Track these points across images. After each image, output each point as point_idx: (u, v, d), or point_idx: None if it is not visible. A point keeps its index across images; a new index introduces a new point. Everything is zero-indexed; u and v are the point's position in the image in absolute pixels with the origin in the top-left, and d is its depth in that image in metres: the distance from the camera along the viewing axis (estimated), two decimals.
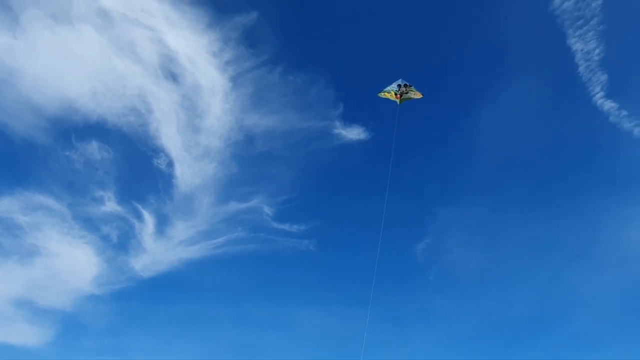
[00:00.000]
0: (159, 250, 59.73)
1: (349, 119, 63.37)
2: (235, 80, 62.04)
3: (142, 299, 59.04)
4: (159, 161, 60.76)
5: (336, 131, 63.25)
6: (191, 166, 61.67)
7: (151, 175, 61.57)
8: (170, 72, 60.94)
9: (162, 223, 60.38)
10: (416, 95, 36.14)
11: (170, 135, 61.00)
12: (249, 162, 63.23)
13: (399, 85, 35.94)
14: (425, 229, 62.94)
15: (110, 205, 59.25)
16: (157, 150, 60.79)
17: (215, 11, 60.99)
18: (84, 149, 59.42)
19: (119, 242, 59.36)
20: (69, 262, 58.09)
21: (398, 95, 35.99)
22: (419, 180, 65.01)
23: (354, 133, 63.21)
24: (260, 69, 62.34)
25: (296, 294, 61.40)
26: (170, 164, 60.91)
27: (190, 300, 59.95)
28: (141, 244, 59.42)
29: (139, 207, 60.11)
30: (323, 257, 62.82)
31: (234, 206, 61.69)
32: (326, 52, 65.43)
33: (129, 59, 60.04)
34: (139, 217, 59.88)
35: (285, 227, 61.74)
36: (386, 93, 36.13)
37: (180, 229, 60.51)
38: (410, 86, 35.98)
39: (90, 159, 59.56)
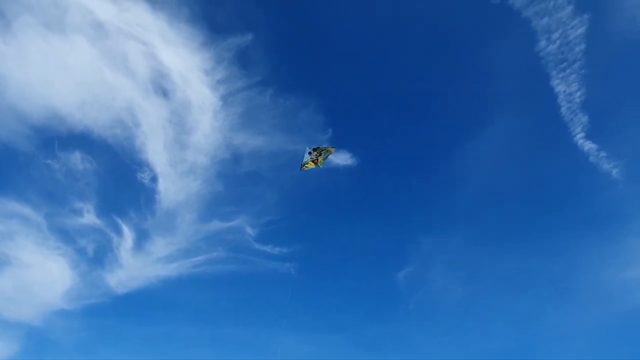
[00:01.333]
0: (136, 266, 58.35)
1: (337, 144, 62.98)
2: (225, 99, 62.30)
3: (115, 316, 57.26)
4: (142, 175, 60.03)
5: None
6: (175, 182, 61.04)
7: (134, 190, 60.73)
8: (161, 87, 60.96)
9: (142, 238, 59.24)
10: (329, 151, 38.00)
11: (156, 150, 60.52)
12: (235, 181, 62.92)
13: (310, 153, 38.10)
14: (408, 257, 63.10)
15: (89, 217, 57.97)
16: (142, 165, 60.13)
17: (210, 30, 61.63)
18: (66, 159, 58.42)
19: (95, 256, 57.87)
20: (41, 274, 56.21)
21: (316, 161, 38.14)
22: (403, 208, 65.47)
23: (342, 158, 63.39)
24: (252, 90, 62.84)
25: (274, 317, 60.33)
26: (154, 178, 60.20)
27: (165, 319, 58.36)
28: (118, 259, 58.02)
29: (119, 221, 58.96)
30: (303, 281, 62.17)
31: (216, 225, 60.99)
32: (318, 77, 66.48)
33: (120, 72, 59.92)
34: (118, 232, 58.64)
35: (267, 248, 61.14)
36: (306, 166, 38.31)
37: (160, 246, 59.39)
38: (319, 147, 37.88)
39: (72, 169, 58.52)
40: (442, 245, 63.79)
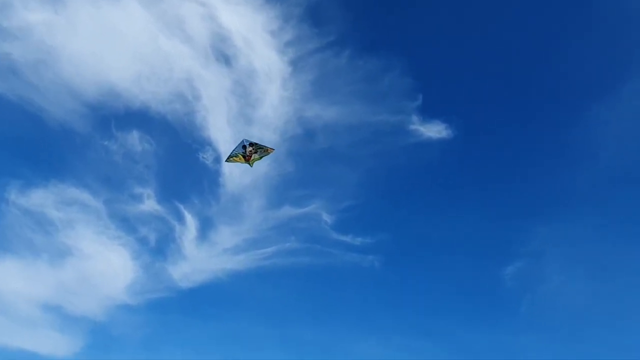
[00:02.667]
0: (200, 257, 52.16)
1: (428, 113, 53.06)
2: (295, 64, 53.20)
3: (179, 312, 51.71)
4: (205, 156, 53.12)
5: (413, 127, 53.08)
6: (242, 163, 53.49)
7: (196, 172, 53.95)
8: (222, 54, 53.00)
9: (206, 227, 52.71)
10: (267, 151, 32.02)
11: (219, 127, 53.05)
12: (308, 160, 54.33)
13: (244, 147, 31.71)
14: (517, 250, 51.75)
15: (150, 203, 52.29)
16: (204, 143, 53.11)
17: None
18: (124, 139, 52.69)
19: (157, 246, 52.32)
20: (103, 265, 51.68)
21: (248, 157, 31.98)
22: (511, 190, 53.77)
23: (434, 130, 52.92)
24: (325, 52, 53.24)
25: (354, 318, 51.98)
26: (217, 159, 52.94)
27: (232, 316, 52.06)
28: (181, 249, 52.13)
29: (181, 207, 52.78)
30: (389, 276, 53.09)
31: (287, 211, 53.10)
32: (404, 33, 55.57)
33: (177, 38, 52.63)
34: (180, 219, 52.58)
35: (347, 238, 52.54)
36: (234, 158, 32.07)
37: (225, 235, 52.69)
38: (257, 144, 31.82)
39: (130, 150, 52.80)
40: (562, 234, 51.66)
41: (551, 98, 53.76)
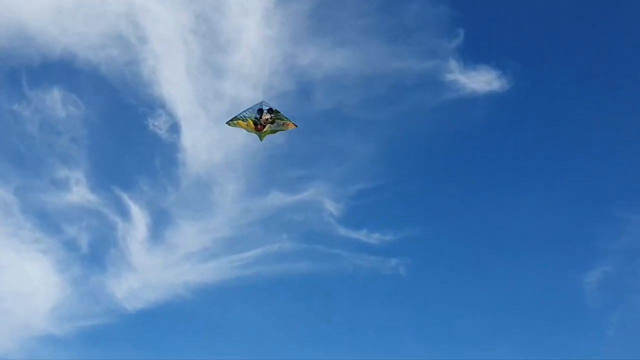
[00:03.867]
0: (153, 267, 37.00)
1: (473, 56, 37.73)
2: None
3: (125, 343, 36.31)
4: (156, 123, 37.75)
5: (451, 77, 37.53)
6: (209, 132, 38.00)
7: (144, 146, 38.75)
8: None
9: (160, 224, 37.55)
10: (287, 125, 24.14)
11: (175, 81, 37.76)
12: (303, 127, 37.55)
13: (260, 111, 23.56)
14: (603, 248, 36.39)
15: (79, 192, 36.91)
16: (154, 105, 37.65)
17: None
18: (40, 101, 37.08)
19: (92, 252, 37.04)
20: (14, 281, 36.51)
21: (260, 127, 23.76)
22: (592, 164, 38.15)
23: (482, 80, 37.52)
24: None
25: (371, 345, 36.67)
26: (174, 127, 37.79)
27: (199, 347, 36.60)
28: (126, 256, 36.89)
29: (124, 196, 37.47)
30: (420, 287, 37.76)
31: (276, 199, 37.94)
32: None
33: None
34: (124, 214, 37.31)
35: (360, 235, 37.34)
36: (240, 122, 23.94)
37: (189, 235, 37.54)
38: (278, 112, 23.72)
39: (49, 116, 37.35)
40: None
41: None
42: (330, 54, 38.47)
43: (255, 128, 24.18)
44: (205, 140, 38.29)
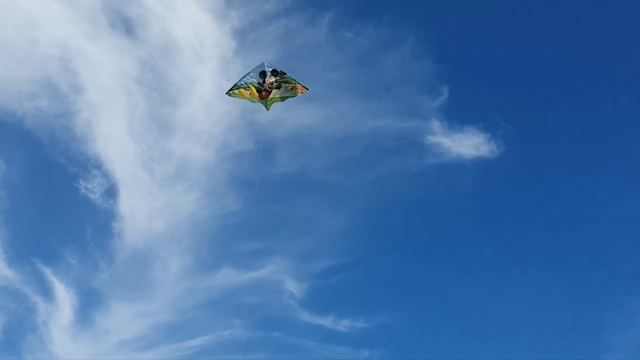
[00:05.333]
0: (79, 357, 31.29)
1: (458, 116, 34.20)
2: (244, 35, 33.94)
3: None
4: (89, 186, 32.71)
5: (433, 139, 33.75)
6: (151, 197, 33.40)
7: (73, 213, 33.72)
8: (122, 18, 33.42)
9: (89, 305, 32.11)
10: (297, 90, 20.19)
11: (114, 137, 33.30)
12: (263, 192, 34.23)
13: (263, 74, 19.72)
14: (609, 340, 31.13)
15: None
16: (88, 165, 32.84)
17: None
18: None
19: (5, 338, 31.23)
20: None
21: (265, 93, 19.87)
22: (596, 246, 33.29)
23: (468, 143, 33.80)
24: (293, 16, 34.33)
25: None
26: (111, 191, 32.88)
27: None
28: (46, 343, 31.15)
29: (47, 272, 32.02)
30: None
31: (228, 277, 32.80)
32: None
33: None
34: (46, 293, 31.77)
35: (327, 321, 32.08)
36: (242, 91, 20.15)
37: (123, 319, 32.00)
38: (285, 74, 19.95)
39: None
40: None
41: None
42: (295, 110, 33.84)
43: (259, 96, 20.80)
44: (147, 207, 33.34)
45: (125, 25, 33.30)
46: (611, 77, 35.81)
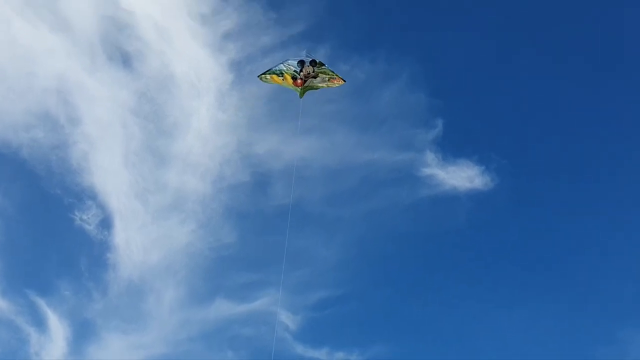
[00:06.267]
0: None
1: (452, 149, 34.02)
2: (240, 68, 33.90)
3: None
4: (85, 217, 32.44)
5: (427, 171, 33.36)
6: (146, 228, 33.03)
7: (68, 244, 33.32)
8: (119, 50, 33.61)
9: (83, 337, 31.48)
10: (333, 82, 20.67)
11: (110, 169, 33.07)
12: (258, 224, 34.22)
13: (301, 63, 20.12)
14: None
15: None
16: (83, 197, 32.50)
17: None
18: None
19: None
20: None
21: (299, 81, 20.26)
22: (590, 279, 33.22)
23: (462, 176, 33.38)
24: (289, 50, 33.24)
25: None
26: (106, 222, 32.59)
27: None
28: None
29: (41, 303, 31.59)
30: None
31: (222, 309, 32.26)
32: (413, 21, 36.60)
33: (44, 25, 33.03)
34: (39, 323, 31.24)
35: (321, 354, 31.38)
36: (274, 77, 20.59)
37: (116, 351, 31.31)
38: (323, 65, 20.28)
39: None
40: None
41: None
42: (291, 142, 33.94)
43: (293, 83, 20.97)
44: (142, 238, 32.95)
45: (123, 58, 33.49)
46: (604, 112, 36.04)
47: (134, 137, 33.39)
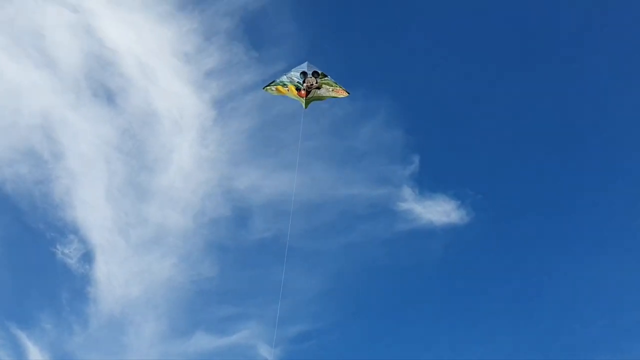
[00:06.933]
0: None
1: (428, 184, 34.75)
2: (222, 105, 34.66)
3: None
4: (66, 251, 32.67)
5: (404, 205, 33.92)
6: (128, 262, 33.24)
7: (50, 278, 33.36)
8: (103, 87, 34.18)
9: None
10: (337, 92, 20.41)
11: (91, 203, 33.32)
12: (238, 258, 34.56)
13: (304, 74, 20.11)
14: None
15: None
16: (65, 231, 32.79)
17: None
18: None
19: None
20: None
21: (302, 92, 20.19)
22: (563, 311, 34.07)
23: (438, 210, 33.96)
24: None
25: None
26: (87, 256, 32.80)
27: None
28: None
29: (22, 336, 31.64)
30: None
31: (201, 342, 32.41)
32: (390, 61, 37.68)
33: (29, 61, 33.60)
34: (20, 355, 31.19)
35: None
36: (279, 88, 20.38)
37: None
38: (325, 76, 20.20)
39: None
40: None
41: (629, 167, 35.41)
42: (271, 177, 34.67)
43: (298, 94, 20.99)
44: (123, 272, 33.25)
45: (107, 95, 33.96)
46: (575, 149, 37.37)
47: (116, 173, 33.88)
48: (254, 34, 35.47)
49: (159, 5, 34.23)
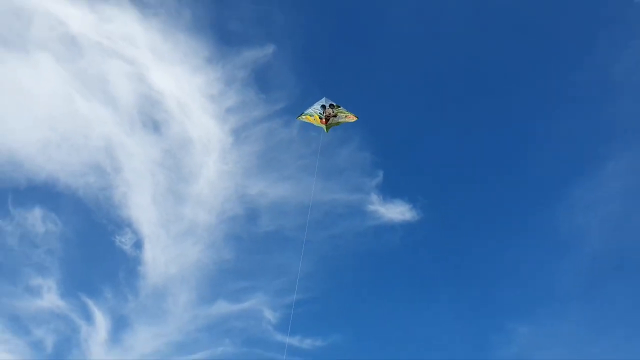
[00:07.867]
0: None
1: (389, 192, 46.02)
2: (238, 133, 45.88)
3: None
4: (123, 239, 43.49)
5: (372, 207, 45.57)
6: (167, 248, 44.10)
7: (110, 259, 43.93)
8: (151, 119, 45.18)
9: (119, 327, 41.87)
10: (348, 118, 27.08)
11: (141, 205, 44.12)
12: (249, 245, 45.43)
13: (323, 107, 26.84)
14: (496, 354, 43.23)
15: (50, 298, 41.55)
16: (122, 225, 43.63)
17: (218, 42, 46.17)
18: (22, 218, 42.54)
19: (56, 351, 40.59)
20: None
21: (323, 120, 26.93)
22: (486, 283, 46.01)
23: (396, 211, 45.53)
24: (274, 121, 46.04)
25: None
26: (138, 244, 43.59)
27: None
28: (87, 356, 40.98)
29: (90, 302, 42.14)
30: None
31: (222, 307, 43.25)
32: (362, 103, 48.64)
33: (96, 100, 44.71)
34: (88, 318, 41.75)
35: (294, 341, 42.53)
36: (308, 117, 27.14)
37: (144, 338, 42.03)
38: (339, 107, 26.86)
39: (30, 231, 42.55)
40: (547, 334, 43.71)
41: (532, 174, 47.84)
42: (274, 186, 45.96)
43: (320, 122, 26.17)
44: (164, 256, 44.03)
45: (154, 125, 45.04)
46: (497, 171, 49.72)
47: (160, 182, 44.77)
48: (262, 81, 46.72)
49: (193, 60, 45.73)
